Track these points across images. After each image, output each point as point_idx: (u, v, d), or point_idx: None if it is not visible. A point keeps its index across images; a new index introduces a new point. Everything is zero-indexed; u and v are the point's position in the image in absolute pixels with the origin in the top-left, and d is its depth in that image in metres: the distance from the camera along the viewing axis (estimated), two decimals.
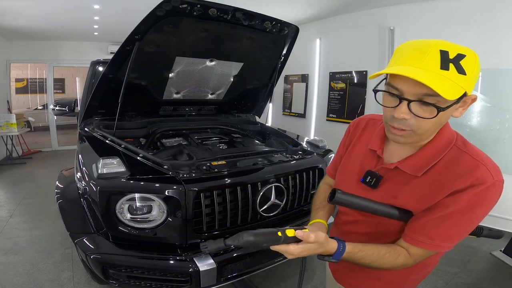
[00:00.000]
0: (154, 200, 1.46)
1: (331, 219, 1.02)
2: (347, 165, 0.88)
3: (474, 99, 0.65)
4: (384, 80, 0.68)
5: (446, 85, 0.56)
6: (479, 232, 0.88)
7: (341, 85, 4.33)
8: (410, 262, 0.70)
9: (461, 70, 0.58)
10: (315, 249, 0.68)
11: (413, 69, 0.58)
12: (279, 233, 0.66)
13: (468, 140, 0.73)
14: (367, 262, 0.70)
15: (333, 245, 0.69)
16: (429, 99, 0.59)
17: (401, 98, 0.62)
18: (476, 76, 0.61)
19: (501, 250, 2.60)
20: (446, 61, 0.58)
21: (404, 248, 0.71)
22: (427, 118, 0.61)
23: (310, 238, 0.66)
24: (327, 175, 1.05)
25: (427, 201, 0.68)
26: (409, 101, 0.61)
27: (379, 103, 0.70)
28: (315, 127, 4.85)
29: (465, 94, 0.60)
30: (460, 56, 0.58)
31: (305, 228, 0.71)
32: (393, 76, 0.64)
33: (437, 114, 0.60)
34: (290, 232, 0.67)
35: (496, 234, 0.96)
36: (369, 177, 0.78)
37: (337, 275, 0.96)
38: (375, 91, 0.70)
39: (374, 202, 0.73)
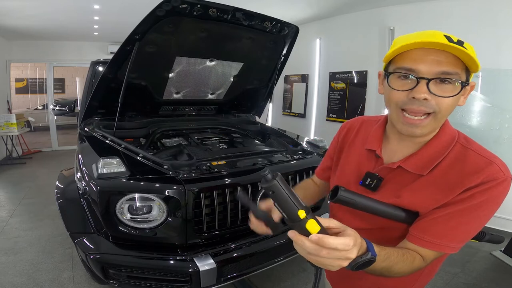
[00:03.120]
0: (154, 200, 1.46)
1: None
2: (344, 169, 0.84)
3: (473, 86, 0.64)
4: (386, 73, 0.67)
5: (467, 56, 0.57)
6: (482, 236, 0.85)
7: (341, 85, 4.33)
8: (424, 265, 0.66)
9: (467, 50, 0.58)
10: (356, 236, 0.51)
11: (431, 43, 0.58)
12: (301, 213, 0.47)
13: (468, 136, 0.71)
14: (390, 264, 0.60)
15: (362, 239, 0.55)
16: (448, 76, 0.59)
17: (418, 78, 0.60)
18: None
19: (501, 250, 2.60)
20: (452, 41, 0.58)
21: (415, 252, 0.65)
22: (449, 97, 0.60)
23: (348, 230, 0.51)
24: (315, 175, 1.02)
25: (436, 200, 0.64)
26: (428, 80, 0.60)
27: (392, 88, 0.65)
28: (315, 127, 4.86)
29: (467, 81, 0.61)
30: (460, 41, 0.59)
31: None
32: (402, 58, 0.63)
33: (461, 89, 0.60)
34: (311, 226, 0.47)
35: (497, 239, 0.92)
36: (368, 179, 0.73)
37: (337, 286, 0.92)
38: (388, 74, 0.66)
39: (380, 202, 0.68)
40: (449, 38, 0.59)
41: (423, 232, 0.64)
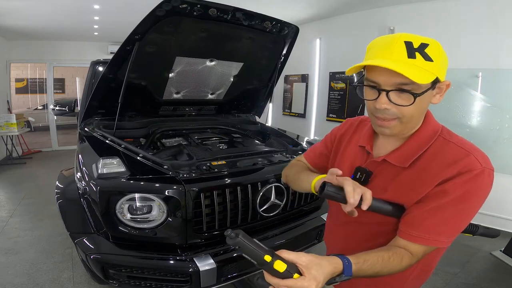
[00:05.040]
0: (154, 200, 1.46)
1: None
2: (340, 166, 0.87)
3: (448, 85, 0.69)
4: (363, 76, 0.72)
5: (416, 71, 0.61)
6: (475, 230, 0.87)
7: (341, 85, 4.33)
8: (414, 261, 0.68)
9: (427, 58, 0.62)
10: (318, 273, 0.56)
11: (384, 61, 0.63)
12: (267, 258, 0.54)
13: (451, 131, 0.75)
14: (376, 271, 0.64)
15: (336, 261, 0.60)
16: (405, 87, 0.63)
17: (379, 90, 0.66)
18: (444, 63, 0.65)
19: (501, 250, 2.60)
20: (411, 50, 0.62)
21: (403, 248, 0.67)
22: (405, 106, 0.65)
23: (303, 257, 0.56)
24: (303, 156, 1.05)
25: (417, 192, 0.68)
26: (387, 91, 0.65)
27: (361, 98, 0.73)
28: (315, 127, 4.86)
29: (437, 80, 0.65)
30: (423, 45, 0.63)
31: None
32: (369, 70, 0.68)
33: (414, 101, 0.64)
34: (279, 265, 0.54)
35: (492, 233, 0.95)
36: (359, 173, 0.77)
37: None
38: (355, 86, 0.74)
39: None
40: (409, 45, 0.62)
41: (411, 228, 0.67)
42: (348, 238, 0.85)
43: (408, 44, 0.63)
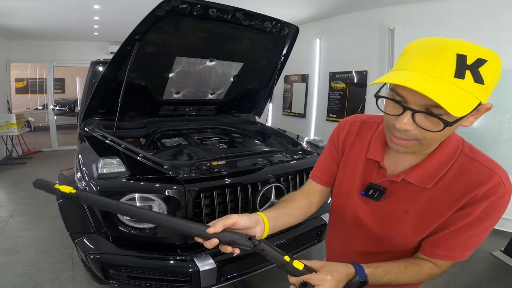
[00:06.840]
0: (154, 200, 1.46)
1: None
2: (344, 176, 0.81)
3: (488, 108, 0.56)
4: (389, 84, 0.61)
5: (459, 97, 0.50)
6: None
7: (341, 85, 4.33)
8: (437, 272, 0.68)
9: (478, 79, 0.50)
10: (332, 269, 0.62)
11: (422, 76, 0.51)
12: (287, 258, 0.63)
13: (472, 145, 0.70)
14: (392, 279, 0.66)
15: (348, 265, 0.64)
16: (436, 111, 0.52)
17: (405, 107, 0.56)
18: (495, 84, 0.54)
19: (501, 250, 2.60)
20: (462, 67, 0.50)
21: (425, 260, 0.68)
22: (433, 131, 0.56)
23: (316, 261, 0.63)
24: (310, 179, 0.90)
25: (441, 213, 0.65)
26: (414, 112, 0.55)
27: (380, 110, 0.63)
28: (315, 127, 4.86)
29: (479, 104, 0.54)
30: (480, 62, 0.51)
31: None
32: None
33: (443, 128, 0.54)
34: (297, 264, 0.62)
35: None
36: (371, 190, 0.73)
37: None
38: (377, 96, 0.63)
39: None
40: (461, 60, 0.50)
41: (436, 247, 0.67)
42: (352, 253, 0.83)
43: (461, 59, 0.50)
